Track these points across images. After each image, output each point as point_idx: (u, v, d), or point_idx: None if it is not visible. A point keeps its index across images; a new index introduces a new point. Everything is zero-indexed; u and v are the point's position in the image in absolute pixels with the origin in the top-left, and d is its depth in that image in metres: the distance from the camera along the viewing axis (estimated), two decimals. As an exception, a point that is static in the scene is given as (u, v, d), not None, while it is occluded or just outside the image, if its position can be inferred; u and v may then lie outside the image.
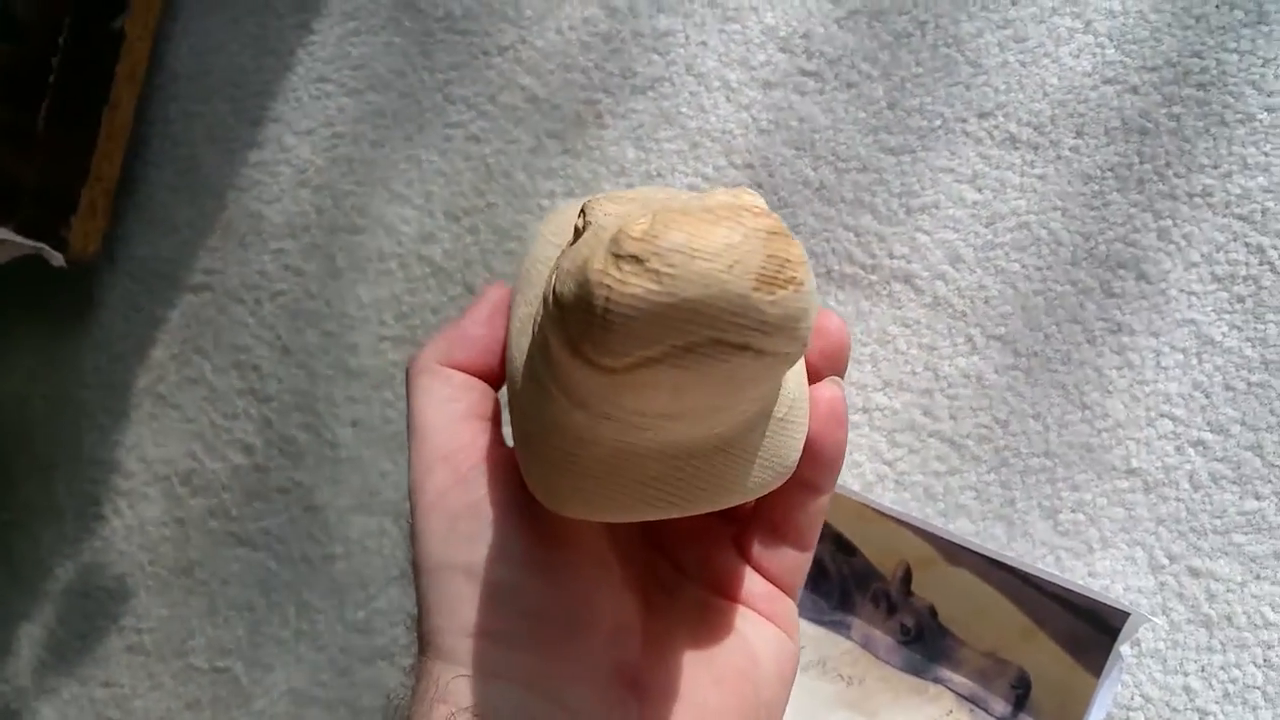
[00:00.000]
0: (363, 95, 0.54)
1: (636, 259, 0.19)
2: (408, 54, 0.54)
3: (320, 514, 0.53)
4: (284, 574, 0.53)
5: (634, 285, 0.19)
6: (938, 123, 0.46)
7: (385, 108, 0.54)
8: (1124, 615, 0.40)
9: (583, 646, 0.27)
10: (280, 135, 0.56)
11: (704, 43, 0.49)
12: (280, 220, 0.55)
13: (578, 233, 0.22)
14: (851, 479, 0.45)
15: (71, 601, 0.58)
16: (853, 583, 0.44)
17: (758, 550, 0.31)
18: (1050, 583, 0.41)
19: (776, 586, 0.31)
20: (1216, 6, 0.43)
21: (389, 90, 0.54)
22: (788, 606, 0.31)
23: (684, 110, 0.49)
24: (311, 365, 0.54)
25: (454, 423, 0.29)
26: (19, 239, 0.54)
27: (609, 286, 0.19)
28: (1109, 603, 0.40)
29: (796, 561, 0.31)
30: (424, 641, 0.28)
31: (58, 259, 0.55)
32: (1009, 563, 0.41)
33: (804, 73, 0.48)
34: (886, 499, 0.45)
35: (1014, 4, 0.45)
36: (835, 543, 0.44)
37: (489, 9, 0.53)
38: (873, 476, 0.45)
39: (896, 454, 0.45)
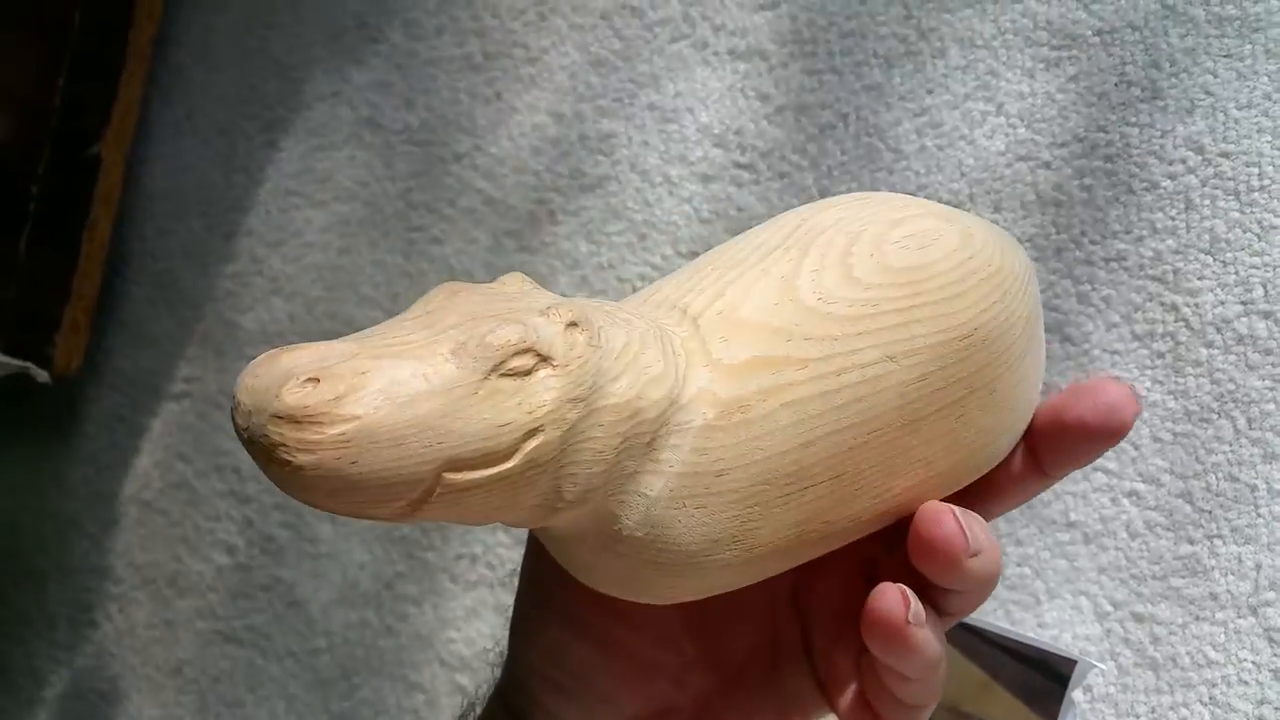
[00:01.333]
0: (328, 206, 0.57)
1: None
2: (370, 166, 0.57)
3: (303, 609, 0.54)
4: (270, 669, 0.55)
5: None
6: (866, 205, 0.49)
7: (350, 216, 0.57)
8: (1071, 663, 0.42)
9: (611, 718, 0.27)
10: (252, 248, 0.59)
11: (645, 142, 0.52)
12: (254, 328, 0.58)
13: None
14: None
15: (66, 706, 0.59)
16: (815, 647, 0.46)
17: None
18: (1000, 636, 0.43)
19: None
20: (1115, 84, 0.46)
21: (353, 200, 0.57)
22: None
23: (630, 205, 0.52)
24: (290, 465, 0.56)
25: None
26: (4, 358, 0.57)
27: None
28: (1056, 652, 0.42)
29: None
30: (506, 659, 0.28)
31: (43, 376, 0.57)
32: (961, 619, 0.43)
33: (739, 165, 0.51)
34: (843, 563, 0.47)
35: (929, 93, 0.48)
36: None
37: (444, 120, 0.56)
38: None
39: (849, 520, 0.47)
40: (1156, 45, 0.46)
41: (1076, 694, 0.42)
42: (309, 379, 0.18)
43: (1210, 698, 0.42)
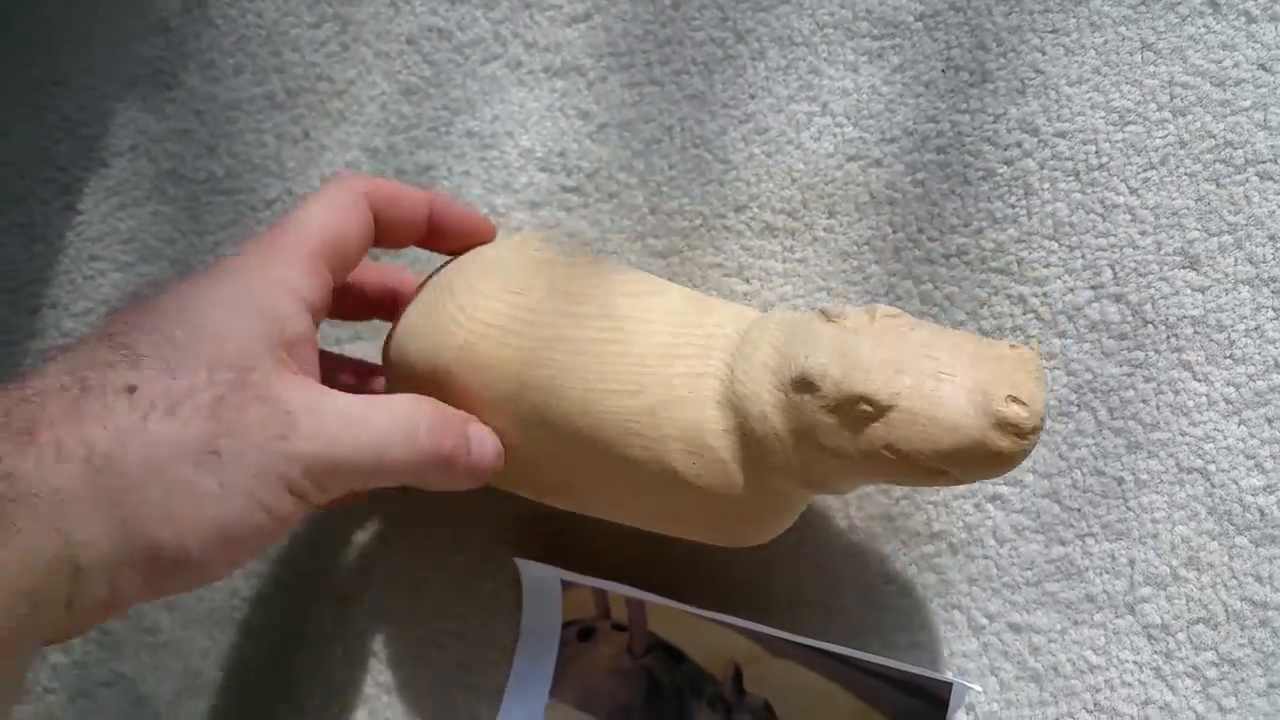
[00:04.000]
0: (134, 268, 0.53)
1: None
2: (176, 221, 0.53)
3: (148, 704, 0.50)
4: (119, 776, 0.50)
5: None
6: (698, 222, 0.46)
7: (158, 277, 0.53)
8: (948, 685, 0.39)
9: None
10: (58, 320, 0.54)
11: (467, 172, 0.49)
12: (67, 408, 0.53)
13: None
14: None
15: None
16: (687, 690, 0.43)
17: None
18: (871, 663, 0.40)
19: None
20: (943, 72, 0.44)
21: (160, 259, 0.53)
22: None
23: (455, 240, 0.49)
24: (119, 553, 0.51)
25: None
26: None
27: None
28: (930, 675, 0.40)
29: None
30: None
31: None
32: (828, 648, 0.41)
33: (565, 189, 0.48)
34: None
35: (752, 98, 0.46)
36: (664, 651, 0.43)
37: (251, 166, 0.52)
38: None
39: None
40: (981, 26, 0.44)
41: (959, 716, 0.40)
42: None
43: (1095, 704, 0.40)
